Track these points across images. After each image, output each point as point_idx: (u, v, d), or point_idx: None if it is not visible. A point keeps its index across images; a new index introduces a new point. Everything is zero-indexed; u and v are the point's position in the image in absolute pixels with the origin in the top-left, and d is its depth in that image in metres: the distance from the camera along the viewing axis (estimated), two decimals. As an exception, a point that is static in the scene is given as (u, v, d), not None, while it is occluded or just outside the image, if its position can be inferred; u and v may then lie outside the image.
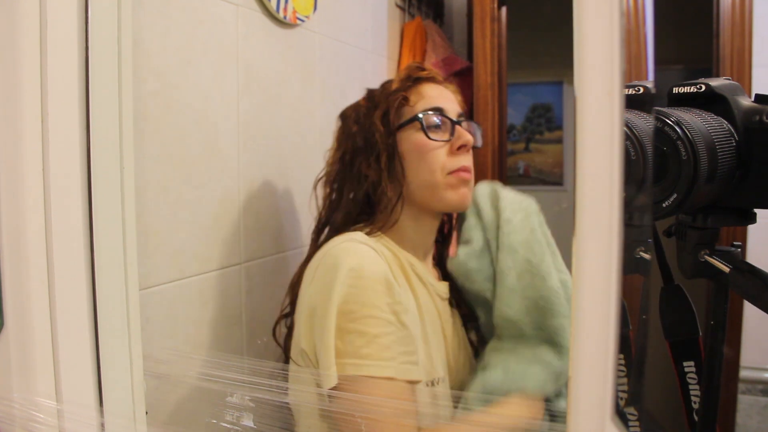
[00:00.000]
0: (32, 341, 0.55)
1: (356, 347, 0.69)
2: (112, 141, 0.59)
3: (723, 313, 0.61)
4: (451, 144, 0.83)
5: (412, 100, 0.85)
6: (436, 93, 0.86)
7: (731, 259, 0.59)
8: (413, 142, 0.83)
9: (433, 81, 0.88)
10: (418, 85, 0.86)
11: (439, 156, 0.82)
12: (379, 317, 0.70)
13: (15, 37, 0.53)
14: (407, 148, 0.83)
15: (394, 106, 0.84)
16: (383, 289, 0.71)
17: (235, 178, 0.94)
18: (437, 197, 0.83)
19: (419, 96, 0.85)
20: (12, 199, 0.54)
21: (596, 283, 0.39)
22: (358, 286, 0.70)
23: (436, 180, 0.82)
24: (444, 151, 0.83)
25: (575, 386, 0.40)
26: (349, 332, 0.69)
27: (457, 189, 0.82)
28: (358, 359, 0.68)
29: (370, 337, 0.69)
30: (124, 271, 0.61)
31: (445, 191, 0.82)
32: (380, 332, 0.69)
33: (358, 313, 0.70)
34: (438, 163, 0.82)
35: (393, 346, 0.70)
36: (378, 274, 0.72)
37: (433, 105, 0.84)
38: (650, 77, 1.31)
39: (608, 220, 0.38)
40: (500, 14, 1.64)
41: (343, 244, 0.75)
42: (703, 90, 0.59)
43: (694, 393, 0.65)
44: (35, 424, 0.54)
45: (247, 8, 0.97)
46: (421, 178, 0.83)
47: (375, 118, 0.84)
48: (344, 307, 0.70)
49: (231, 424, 0.66)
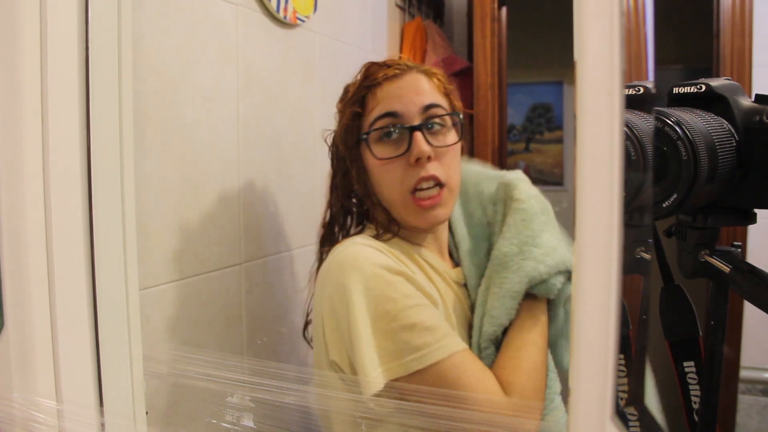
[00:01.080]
0: (32, 341, 0.55)
1: (409, 341, 0.68)
2: (112, 141, 0.59)
3: (723, 313, 0.61)
4: (407, 158, 0.75)
5: (369, 107, 0.78)
6: (395, 93, 0.77)
7: (731, 259, 0.59)
8: (368, 160, 0.79)
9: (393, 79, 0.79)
10: (374, 88, 0.79)
11: (395, 174, 0.76)
12: (414, 305, 0.69)
13: (15, 37, 0.53)
14: (367, 166, 0.80)
15: (349, 123, 0.79)
16: (403, 279, 0.71)
17: (235, 178, 0.94)
18: (404, 219, 0.79)
19: (375, 101, 0.78)
20: (12, 199, 0.54)
21: (596, 283, 0.39)
22: (380, 286, 0.70)
23: (396, 200, 0.77)
24: (401, 167, 0.76)
25: (575, 386, 0.40)
26: (395, 332, 0.68)
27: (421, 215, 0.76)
28: (417, 352, 0.67)
29: (417, 326, 0.68)
30: (124, 271, 0.61)
31: (409, 215, 0.77)
32: (423, 317, 0.69)
33: (394, 309, 0.69)
34: (395, 182, 0.76)
35: (440, 324, 0.70)
36: (392, 268, 0.71)
37: (387, 110, 0.76)
38: (650, 77, 1.31)
39: (608, 220, 0.38)
40: (500, 14, 1.64)
41: (347, 250, 0.74)
42: (703, 90, 0.59)
43: (694, 393, 0.65)
44: (35, 424, 0.54)
45: (247, 8, 0.97)
46: (385, 198, 0.79)
47: (336, 136, 0.83)
48: (378, 310, 0.69)
49: (231, 424, 0.66)
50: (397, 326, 0.68)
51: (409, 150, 0.75)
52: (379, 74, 0.79)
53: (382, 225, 0.81)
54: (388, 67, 0.80)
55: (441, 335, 0.68)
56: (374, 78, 0.79)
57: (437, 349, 0.67)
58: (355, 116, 0.79)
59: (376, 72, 0.80)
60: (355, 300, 0.69)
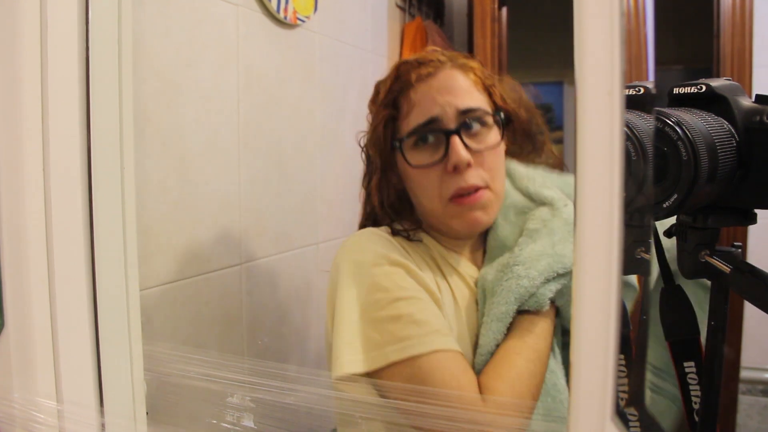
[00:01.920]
0: (32, 341, 0.55)
1: (393, 332, 0.66)
2: (113, 141, 0.59)
3: (723, 314, 0.61)
4: (444, 165, 0.71)
5: (403, 110, 0.74)
6: (431, 94, 0.73)
7: (731, 259, 0.59)
8: (402, 167, 0.75)
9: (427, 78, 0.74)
10: (408, 90, 0.74)
11: (432, 181, 0.72)
12: (407, 297, 0.68)
13: (15, 37, 0.53)
14: (403, 172, 0.76)
15: (383, 126, 0.76)
16: (402, 271, 0.69)
17: (235, 178, 0.94)
18: (444, 226, 0.76)
19: (410, 104, 0.74)
20: (12, 199, 0.54)
21: (596, 283, 0.39)
22: (376, 274, 0.69)
23: (435, 209, 0.74)
24: (438, 174, 0.72)
25: (575, 386, 0.40)
26: (381, 321, 0.67)
27: (463, 217, 0.73)
28: (398, 343, 0.65)
29: (405, 318, 0.66)
30: (124, 272, 0.61)
31: (450, 220, 0.74)
32: (413, 310, 0.67)
33: (384, 299, 0.67)
34: (432, 190, 0.72)
35: (431, 319, 0.67)
36: (393, 259, 0.70)
37: (425, 116, 0.72)
38: (650, 77, 1.31)
39: (608, 220, 0.38)
40: (500, 14, 1.64)
41: (355, 236, 0.74)
42: (703, 90, 0.58)
43: (694, 393, 0.64)
44: (35, 424, 0.54)
45: (247, 8, 0.97)
46: (422, 205, 0.76)
47: (369, 138, 0.79)
48: (369, 298, 0.68)
49: (231, 424, 0.66)
50: (385, 316, 0.67)
51: (447, 156, 0.71)
52: (412, 74, 0.74)
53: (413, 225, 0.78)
54: (421, 64, 0.75)
55: (428, 330, 0.66)
56: (407, 79, 0.74)
57: (419, 343, 0.65)
58: (389, 120, 0.75)
59: (409, 72, 0.75)
60: (345, 284, 0.68)
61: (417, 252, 0.77)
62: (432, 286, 0.72)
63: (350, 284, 0.69)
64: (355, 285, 0.69)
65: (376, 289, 0.68)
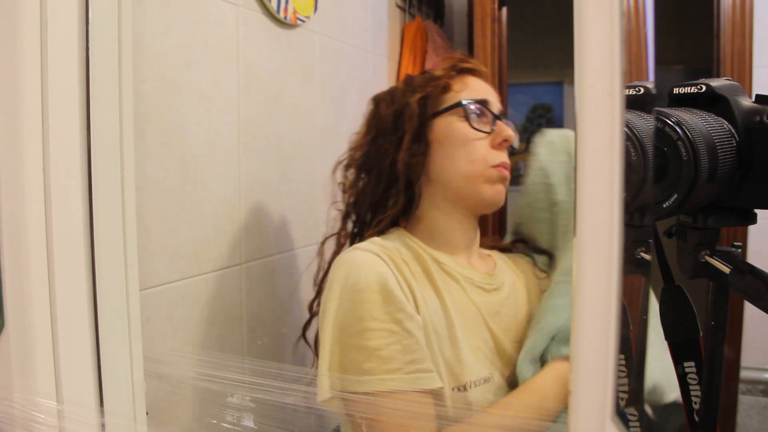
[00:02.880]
0: (32, 341, 0.55)
1: (358, 363, 0.68)
2: (113, 141, 0.59)
3: (723, 314, 0.61)
4: (493, 138, 0.80)
5: (456, 88, 0.82)
6: (481, 86, 0.84)
7: (731, 259, 0.59)
8: (454, 130, 0.80)
9: (478, 74, 0.85)
10: (462, 75, 0.84)
11: (480, 147, 0.79)
12: (378, 329, 0.68)
13: (15, 37, 0.53)
14: (445, 136, 0.80)
15: (436, 92, 0.82)
16: (380, 299, 0.69)
17: (235, 178, 0.94)
18: (474, 190, 0.80)
19: (463, 85, 0.83)
20: (12, 199, 0.54)
21: (596, 283, 0.39)
22: (354, 299, 0.70)
23: (476, 171, 0.79)
24: (485, 143, 0.80)
25: (575, 386, 0.40)
26: (349, 348, 0.68)
27: (495, 184, 0.80)
28: (360, 375, 0.67)
29: (370, 350, 0.67)
30: (124, 272, 0.61)
31: (483, 185, 0.79)
32: (380, 344, 0.68)
33: (356, 327, 0.69)
34: (479, 154, 0.79)
35: (397, 356, 0.68)
36: (373, 283, 0.70)
37: (477, 97, 0.81)
38: (651, 78, 1.31)
39: (608, 220, 0.38)
40: (500, 14, 1.64)
41: (345, 255, 0.75)
42: (703, 90, 0.58)
43: (694, 393, 0.64)
44: (35, 424, 0.54)
45: (247, 8, 0.97)
46: (459, 169, 0.79)
47: (412, 100, 0.81)
48: (343, 323, 0.70)
49: (231, 424, 0.66)
50: (354, 344, 0.68)
51: (495, 132, 0.80)
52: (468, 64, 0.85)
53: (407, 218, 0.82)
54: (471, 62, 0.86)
55: (391, 368, 0.67)
56: (465, 66, 0.84)
57: (378, 380, 0.67)
58: (443, 89, 0.82)
59: (464, 62, 0.85)
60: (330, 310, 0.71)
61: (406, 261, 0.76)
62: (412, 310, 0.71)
63: (334, 308, 0.71)
64: (338, 310, 0.70)
65: (351, 316, 0.70)
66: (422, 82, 0.83)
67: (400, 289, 0.71)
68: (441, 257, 0.80)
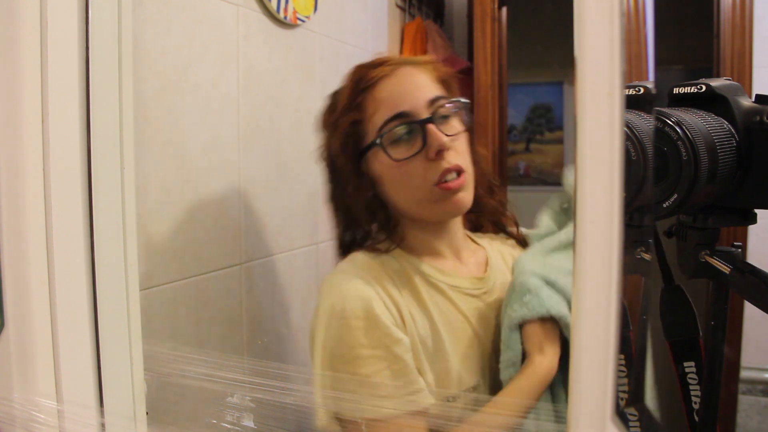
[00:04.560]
0: (32, 341, 0.55)
1: (350, 390, 0.69)
2: (113, 141, 0.59)
3: (723, 314, 0.61)
4: (426, 152, 0.73)
5: (369, 112, 0.75)
6: (395, 90, 0.75)
7: (731, 259, 0.59)
8: (383, 164, 0.75)
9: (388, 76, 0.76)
10: (370, 90, 0.75)
11: (415, 171, 0.73)
12: (367, 356, 0.69)
13: (15, 37, 0.53)
14: (379, 172, 0.77)
15: (351, 130, 0.76)
16: (366, 325, 0.69)
17: (235, 178, 0.94)
18: (428, 211, 0.76)
19: (375, 104, 0.75)
20: (12, 200, 0.54)
21: (596, 284, 0.39)
22: (341, 326, 0.70)
23: (420, 196, 0.75)
24: (419, 164, 0.73)
25: (575, 386, 0.40)
26: (341, 374, 0.70)
27: (446, 200, 0.74)
28: (353, 402, 0.68)
29: (361, 378, 0.69)
30: (124, 272, 0.61)
31: (433, 206, 0.75)
32: (370, 371, 0.69)
33: (347, 355, 0.70)
34: (417, 180, 0.74)
35: (388, 382, 0.69)
36: (359, 310, 0.70)
37: (394, 111, 0.73)
38: (651, 77, 1.31)
39: (608, 220, 0.38)
40: (500, 14, 1.64)
41: (331, 279, 0.75)
42: (703, 90, 0.58)
43: (694, 393, 0.65)
44: (35, 424, 0.54)
45: (247, 8, 0.97)
46: (405, 198, 0.76)
47: (334, 147, 0.79)
48: (332, 351, 0.70)
49: (231, 424, 0.66)
50: (345, 370, 0.70)
51: (427, 145, 0.73)
52: (372, 74, 0.76)
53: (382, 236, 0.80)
54: (378, 66, 0.77)
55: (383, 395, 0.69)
56: (368, 79, 0.76)
57: (371, 407, 0.68)
58: (354, 124, 0.76)
59: (368, 73, 0.76)
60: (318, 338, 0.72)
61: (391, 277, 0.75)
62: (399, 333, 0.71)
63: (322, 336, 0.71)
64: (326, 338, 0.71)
65: (339, 343, 0.70)
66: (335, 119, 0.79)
67: (387, 310, 0.71)
68: (426, 268, 0.78)
